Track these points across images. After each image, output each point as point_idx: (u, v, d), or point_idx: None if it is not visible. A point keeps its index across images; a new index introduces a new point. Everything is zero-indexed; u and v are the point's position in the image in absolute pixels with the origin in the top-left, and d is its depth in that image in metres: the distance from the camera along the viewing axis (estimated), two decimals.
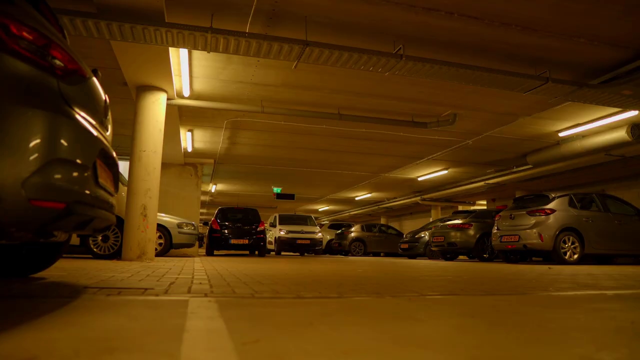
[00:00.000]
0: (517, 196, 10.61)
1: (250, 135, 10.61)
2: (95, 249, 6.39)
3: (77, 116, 1.63)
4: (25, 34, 1.46)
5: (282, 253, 15.82)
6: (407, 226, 24.32)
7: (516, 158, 12.12)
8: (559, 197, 8.56)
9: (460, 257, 13.16)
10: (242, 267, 4.95)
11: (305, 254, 15.30)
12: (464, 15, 5.14)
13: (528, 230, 8.35)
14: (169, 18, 5.13)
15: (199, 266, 4.75)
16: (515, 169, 12.56)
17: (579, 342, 1.14)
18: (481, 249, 10.57)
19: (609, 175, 13.30)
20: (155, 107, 6.65)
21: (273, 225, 14.62)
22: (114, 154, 2.16)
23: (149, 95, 6.62)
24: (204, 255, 11.06)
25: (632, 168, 11.99)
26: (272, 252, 15.53)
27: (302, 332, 1.19)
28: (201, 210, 23.32)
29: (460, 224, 10.78)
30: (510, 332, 1.26)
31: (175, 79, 6.84)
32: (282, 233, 13.63)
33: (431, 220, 17.36)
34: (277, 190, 18.44)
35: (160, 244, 7.79)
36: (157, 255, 7.44)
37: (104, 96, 2.12)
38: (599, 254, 8.54)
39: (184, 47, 5.20)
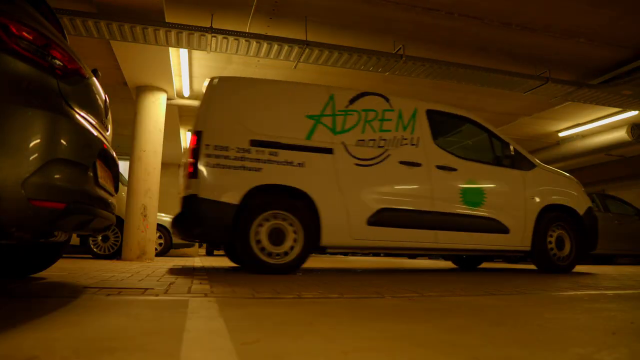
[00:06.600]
0: None
1: None
2: (95, 249, 6.39)
3: (77, 116, 1.63)
4: (25, 34, 1.46)
5: None
6: None
7: None
8: None
9: None
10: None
11: None
12: (464, 15, 5.14)
13: None
14: (169, 18, 5.13)
15: (199, 266, 4.75)
16: None
17: (579, 342, 1.14)
18: None
19: (609, 175, 13.29)
20: (155, 107, 6.65)
21: None
22: (114, 154, 2.16)
23: (149, 95, 6.62)
24: (204, 255, 11.05)
25: (632, 168, 11.98)
26: None
27: (302, 332, 1.19)
28: None
29: None
30: (511, 332, 1.26)
31: (175, 79, 6.84)
32: None
33: None
34: None
35: (160, 244, 7.79)
36: (157, 255, 7.44)
37: (104, 96, 2.12)
38: (599, 254, 8.52)
39: (184, 47, 5.20)
